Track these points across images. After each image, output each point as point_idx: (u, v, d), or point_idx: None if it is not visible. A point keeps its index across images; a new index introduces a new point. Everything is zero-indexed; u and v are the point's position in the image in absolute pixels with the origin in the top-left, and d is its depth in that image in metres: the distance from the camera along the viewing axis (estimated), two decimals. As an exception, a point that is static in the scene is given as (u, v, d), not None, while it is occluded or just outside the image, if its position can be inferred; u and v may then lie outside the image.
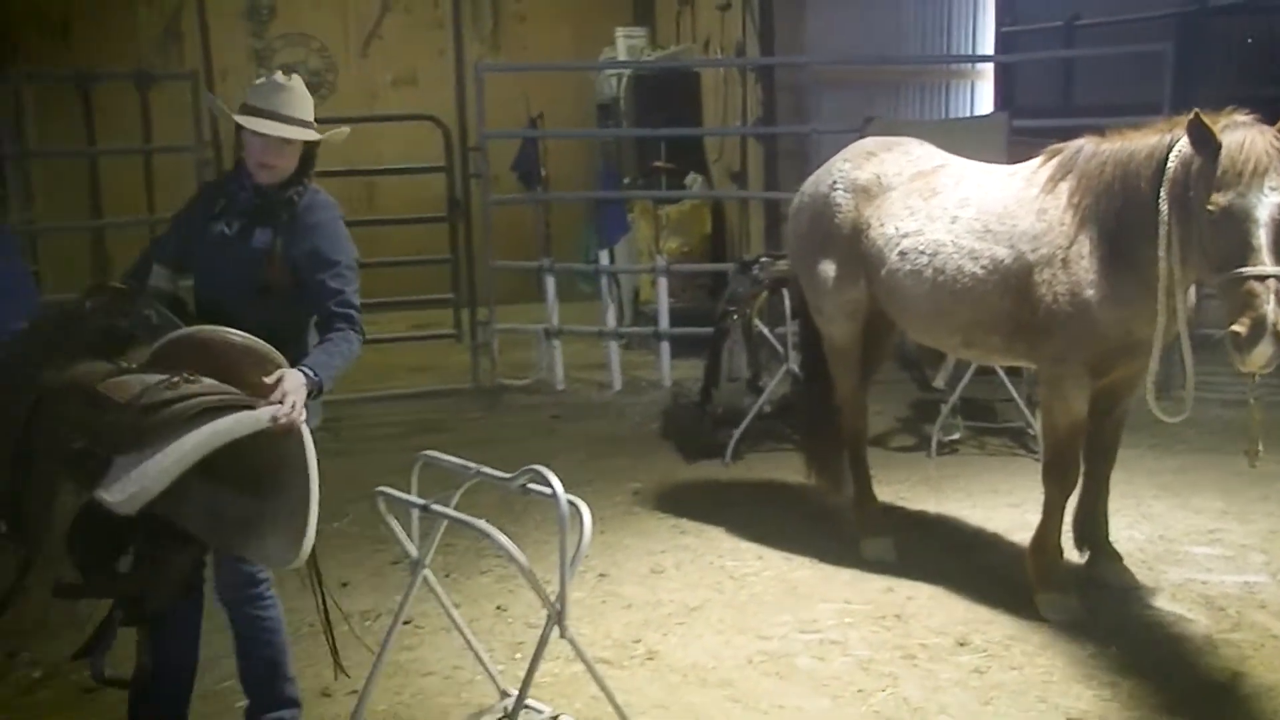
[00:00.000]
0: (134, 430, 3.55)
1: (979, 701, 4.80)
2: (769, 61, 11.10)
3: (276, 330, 4.11)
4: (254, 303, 4.24)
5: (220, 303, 4.26)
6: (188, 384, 3.67)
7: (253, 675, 4.52)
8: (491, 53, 14.72)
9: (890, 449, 8.31)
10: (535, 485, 4.07)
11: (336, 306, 4.27)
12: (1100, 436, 5.79)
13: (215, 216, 4.37)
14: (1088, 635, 5.36)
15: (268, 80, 4.40)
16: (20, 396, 3.79)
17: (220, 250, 4.33)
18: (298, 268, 4.29)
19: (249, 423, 3.67)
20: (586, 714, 4.62)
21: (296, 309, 4.36)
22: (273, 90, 4.35)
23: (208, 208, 4.43)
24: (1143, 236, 5.03)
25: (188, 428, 3.57)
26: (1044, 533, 5.68)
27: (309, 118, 4.40)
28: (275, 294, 4.28)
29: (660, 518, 7.07)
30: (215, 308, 4.25)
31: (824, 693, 4.91)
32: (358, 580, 6.18)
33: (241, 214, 4.35)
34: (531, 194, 11.92)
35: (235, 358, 3.92)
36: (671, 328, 10.33)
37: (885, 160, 6.26)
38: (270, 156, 4.29)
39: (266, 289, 4.27)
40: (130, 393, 3.65)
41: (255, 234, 4.31)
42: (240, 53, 14.41)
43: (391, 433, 9.04)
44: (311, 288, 4.30)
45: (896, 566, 6.16)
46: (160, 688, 4.23)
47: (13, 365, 3.95)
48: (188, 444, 3.56)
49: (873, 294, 6.20)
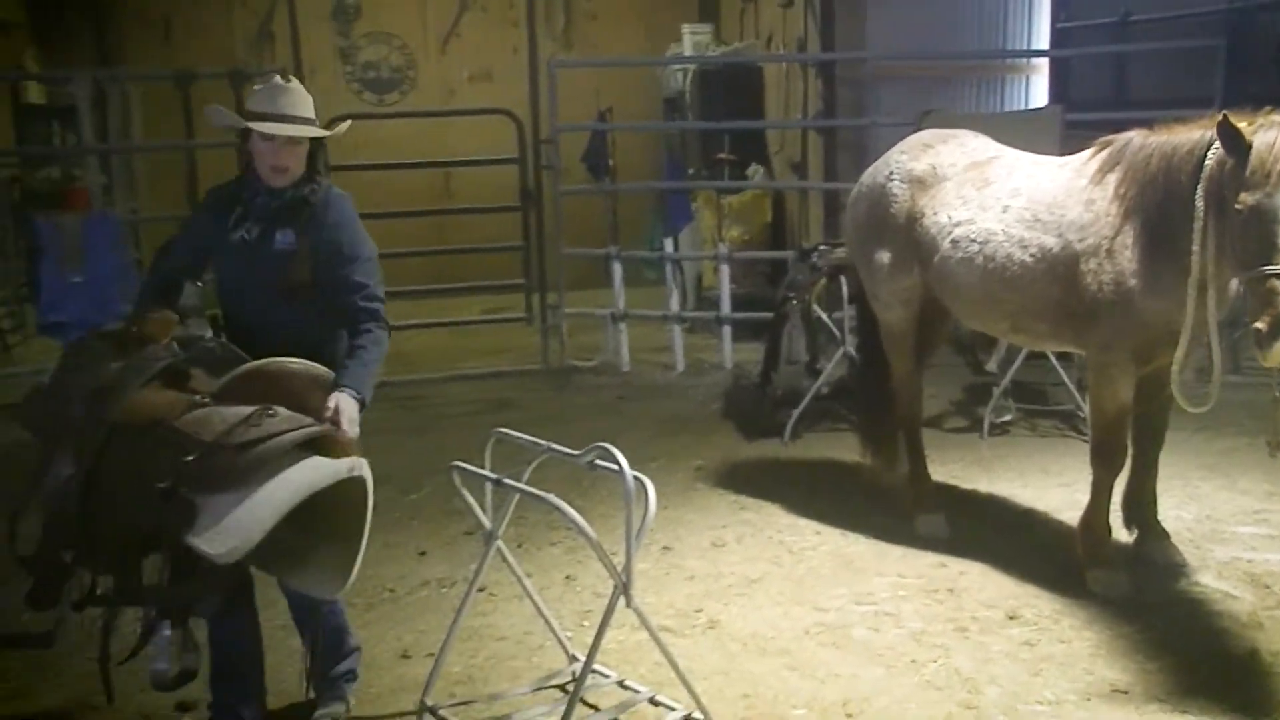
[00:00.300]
0: (230, 471, 3.49)
1: (1028, 673, 4.76)
2: (829, 57, 11.04)
3: (307, 330, 4.11)
4: (282, 305, 4.17)
5: (248, 308, 4.21)
6: (269, 419, 3.62)
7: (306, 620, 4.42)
8: (563, 50, 14.74)
9: (944, 430, 8.24)
10: (602, 462, 4.07)
11: (363, 301, 4.21)
12: (1149, 420, 5.70)
13: (234, 224, 4.25)
14: (1135, 611, 5.29)
15: (268, 85, 4.29)
16: (92, 427, 3.68)
17: (244, 256, 4.22)
18: (322, 264, 4.20)
19: (335, 472, 3.65)
20: (650, 679, 4.63)
21: (324, 307, 4.27)
22: (276, 94, 4.24)
23: (222, 216, 4.30)
24: (1183, 229, 4.95)
25: (279, 468, 3.53)
26: (1093, 512, 5.61)
27: (312, 116, 4.29)
28: (303, 293, 4.20)
29: (721, 494, 7.07)
30: (243, 314, 4.22)
31: (878, 662, 4.89)
32: (434, 549, 6.23)
33: (260, 219, 4.24)
34: (600, 184, 11.96)
35: (295, 384, 3.91)
36: (733, 312, 10.32)
37: (940, 152, 6.21)
38: (282, 159, 4.18)
39: (294, 289, 4.18)
40: (216, 430, 3.57)
41: (276, 236, 4.21)
42: (327, 51, 14.56)
43: (466, 410, 9.10)
44: (336, 283, 4.21)
45: (949, 542, 6.11)
46: (232, 669, 4.27)
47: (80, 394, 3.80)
48: (282, 494, 3.50)
49: (926, 281, 6.16)
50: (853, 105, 10.90)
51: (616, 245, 10.72)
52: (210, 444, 3.54)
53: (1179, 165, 5.01)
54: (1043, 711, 4.46)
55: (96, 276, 9.10)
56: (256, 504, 3.47)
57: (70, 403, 3.78)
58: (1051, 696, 4.57)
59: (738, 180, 11.90)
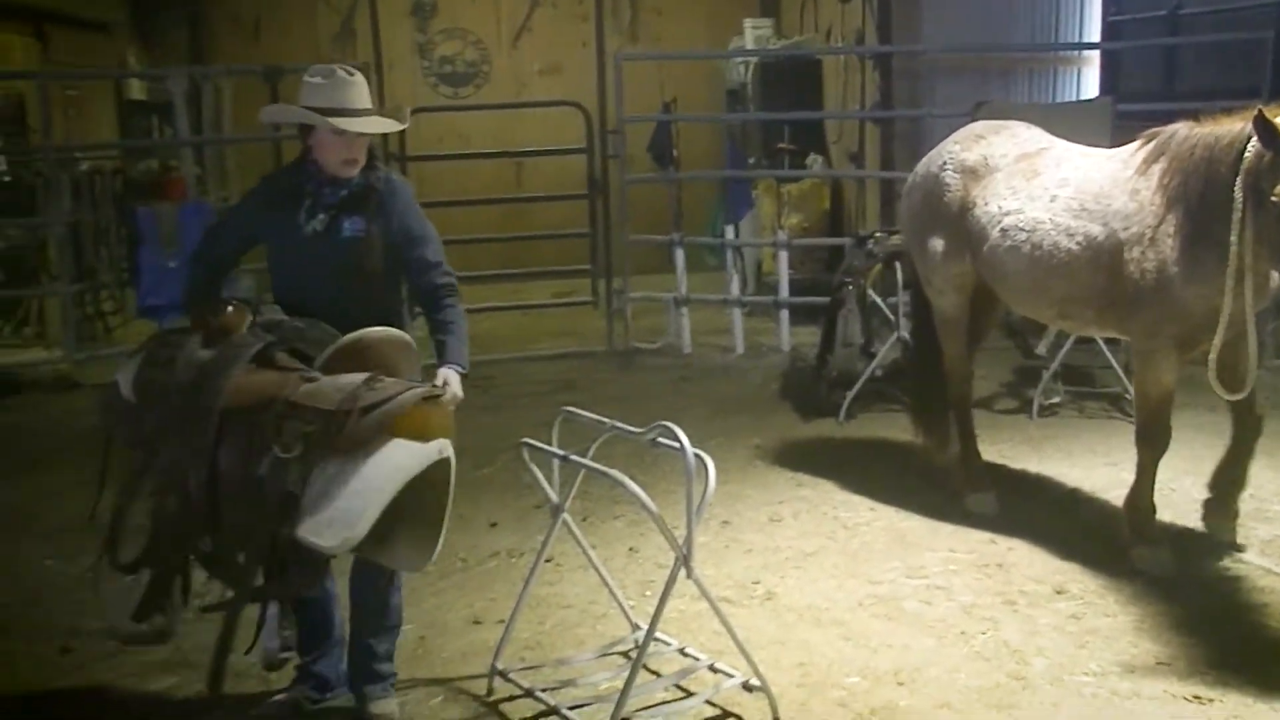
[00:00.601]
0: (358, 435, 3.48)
1: (1074, 645, 4.71)
2: (886, 50, 10.94)
3: (372, 315, 4.07)
4: (350, 291, 4.10)
5: (313, 296, 4.10)
6: (380, 385, 3.59)
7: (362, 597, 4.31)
8: (629, 43, 14.70)
9: (995, 411, 8.16)
10: (664, 440, 4.07)
11: (440, 277, 4.22)
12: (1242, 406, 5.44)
13: (307, 215, 4.15)
14: (1178, 587, 5.22)
15: (332, 78, 4.14)
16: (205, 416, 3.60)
17: (314, 247, 4.13)
18: (391, 249, 4.17)
19: (428, 455, 3.60)
20: (709, 647, 4.64)
21: (391, 292, 4.28)
22: (344, 87, 4.13)
23: (283, 207, 4.19)
24: (1223, 219, 4.86)
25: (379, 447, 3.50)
26: (1138, 491, 5.53)
27: (371, 106, 4.24)
28: (373, 279, 4.16)
29: (779, 471, 7.05)
30: (305, 302, 4.09)
31: (929, 634, 4.87)
32: (504, 521, 6.28)
33: (327, 208, 4.14)
34: (664, 173, 11.92)
35: (389, 352, 3.90)
36: (791, 297, 10.27)
37: (993, 143, 6.14)
38: (354, 151, 4.13)
39: (366, 275, 4.14)
40: (335, 399, 3.54)
41: (344, 224, 4.14)
42: (406, 46, 14.64)
43: (535, 390, 9.14)
44: (411, 264, 4.21)
45: (999, 519, 6.06)
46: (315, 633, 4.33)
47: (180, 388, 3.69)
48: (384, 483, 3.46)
49: (977, 268, 6.10)
50: (909, 97, 10.80)
51: (679, 232, 10.70)
52: (334, 411, 3.51)
53: (1220, 156, 4.93)
54: (1088, 682, 4.43)
55: (190, 261, 9.23)
56: (361, 494, 3.45)
57: (168, 399, 3.69)
58: (1096, 668, 4.53)
59: (797, 169, 11.83)
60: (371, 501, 3.45)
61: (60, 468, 7.37)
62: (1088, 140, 6.22)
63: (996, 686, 4.41)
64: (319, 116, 4.09)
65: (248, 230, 4.33)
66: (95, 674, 4.73)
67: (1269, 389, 5.33)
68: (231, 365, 3.68)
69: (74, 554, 5.94)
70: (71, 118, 12.21)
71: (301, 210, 4.16)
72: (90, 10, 12.80)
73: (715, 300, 10.82)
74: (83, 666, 4.80)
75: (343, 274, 4.12)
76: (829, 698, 4.37)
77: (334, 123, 4.07)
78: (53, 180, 9.51)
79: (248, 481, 3.55)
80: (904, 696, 4.36)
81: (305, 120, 4.14)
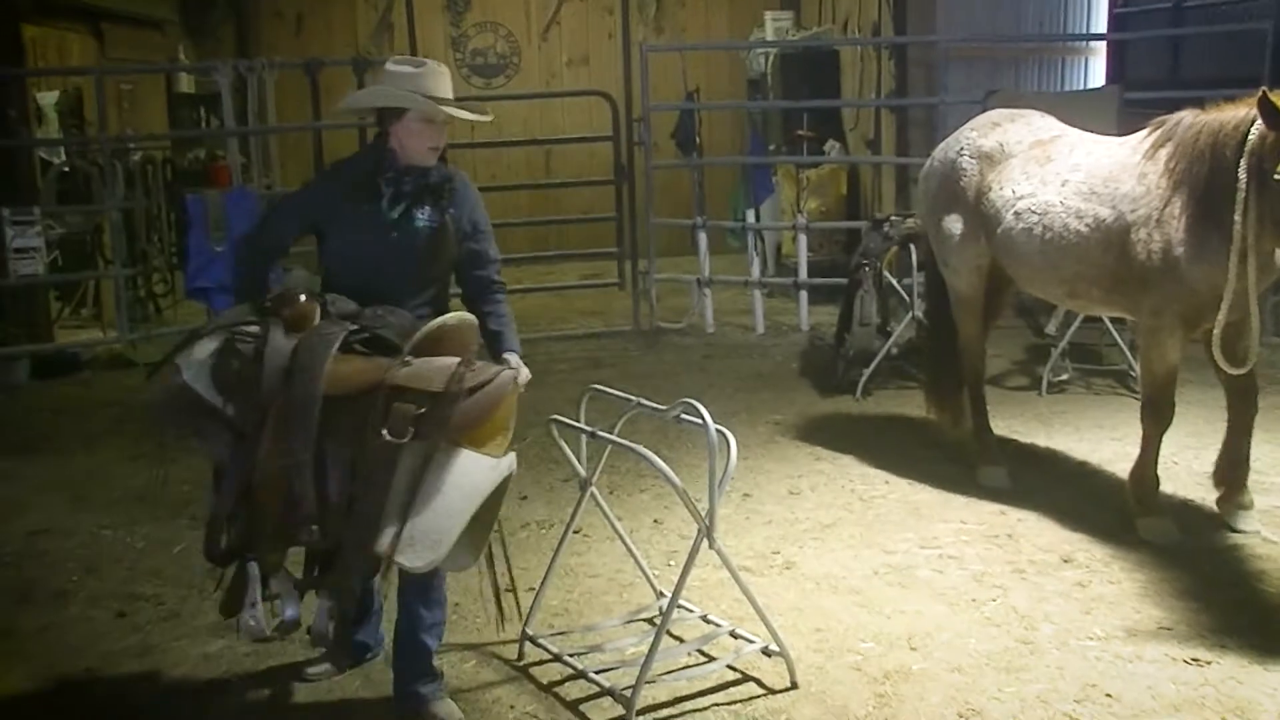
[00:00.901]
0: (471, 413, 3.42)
1: (1080, 611, 4.70)
2: (902, 40, 10.88)
3: (435, 305, 4.03)
4: (417, 281, 4.01)
5: (378, 284, 3.91)
6: (474, 367, 3.51)
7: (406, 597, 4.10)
8: (654, 35, 14.64)
9: (1005, 388, 8.12)
10: (688, 416, 4.07)
11: (496, 273, 4.17)
12: (1239, 384, 5.40)
13: (390, 203, 3.99)
14: (1181, 556, 5.20)
15: (425, 66, 3.99)
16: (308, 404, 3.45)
17: (390, 236, 3.97)
18: (459, 239, 4.08)
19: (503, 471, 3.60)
20: (730, 614, 4.65)
21: (445, 282, 4.17)
22: (435, 76, 3.98)
23: (355, 194, 4.00)
24: (1227, 200, 4.84)
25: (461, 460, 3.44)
26: (1143, 464, 5.51)
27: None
28: (442, 269, 4.09)
29: (798, 446, 7.05)
30: (369, 289, 3.89)
31: (941, 601, 4.86)
32: (534, 495, 6.29)
33: (403, 197, 3.99)
34: (688, 160, 11.89)
35: (468, 337, 3.85)
36: (810, 278, 10.23)
37: (1008, 130, 6.11)
38: (440, 140, 4.02)
39: (438, 265, 4.04)
40: (438, 381, 3.43)
41: (417, 214, 4.01)
42: (440, 39, 14.62)
43: (564, 368, 9.16)
44: (472, 256, 4.12)
45: (1009, 492, 6.05)
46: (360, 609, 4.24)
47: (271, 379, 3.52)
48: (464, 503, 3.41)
49: (992, 250, 6.06)
50: (923, 85, 10.73)
51: (703, 216, 10.69)
52: (442, 393, 3.40)
53: (1224, 140, 4.91)
54: (1093, 646, 4.42)
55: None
56: (446, 514, 3.37)
57: (256, 391, 3.51)
58: (1101, 633, 4.52)
59: (816, 155, 11.77)
60: (456, 524, 3.40)
61: (115, 443, 7.45)
62: (1095, 127, 6.17)
63: (1005, 651, 4.41)
64: (424, 100, 3.94)
65: (314, 217, 4.09)
66: (150, 637, 4.78)
67: (1266, 365, 5.28)
68: (325, 352, 3.52)
69: (128, 524, 6.03)
70: (125, 110, 12.26)
71: (384, 198, 3.98)
72: (144, 8, 12.85)
73: (737, 281, 10.80)
74: (138, 629, 4.85)
75: (414, 263, 4.00)
76: (844, 662, 4.37)
77: (445, 109, 3.96)
78: (108, 169, 9.57)
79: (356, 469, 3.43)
80: (916, 660, 4.36)
81: (406, 103, 3.96)
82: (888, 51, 11.19)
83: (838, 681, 4.23)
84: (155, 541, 5.81)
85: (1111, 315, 6.94)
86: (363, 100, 4.46)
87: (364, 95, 4.48)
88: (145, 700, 4.31)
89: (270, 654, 4.59)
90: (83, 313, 10.94)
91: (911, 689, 4.16)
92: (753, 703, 4.12)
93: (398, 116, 4.00)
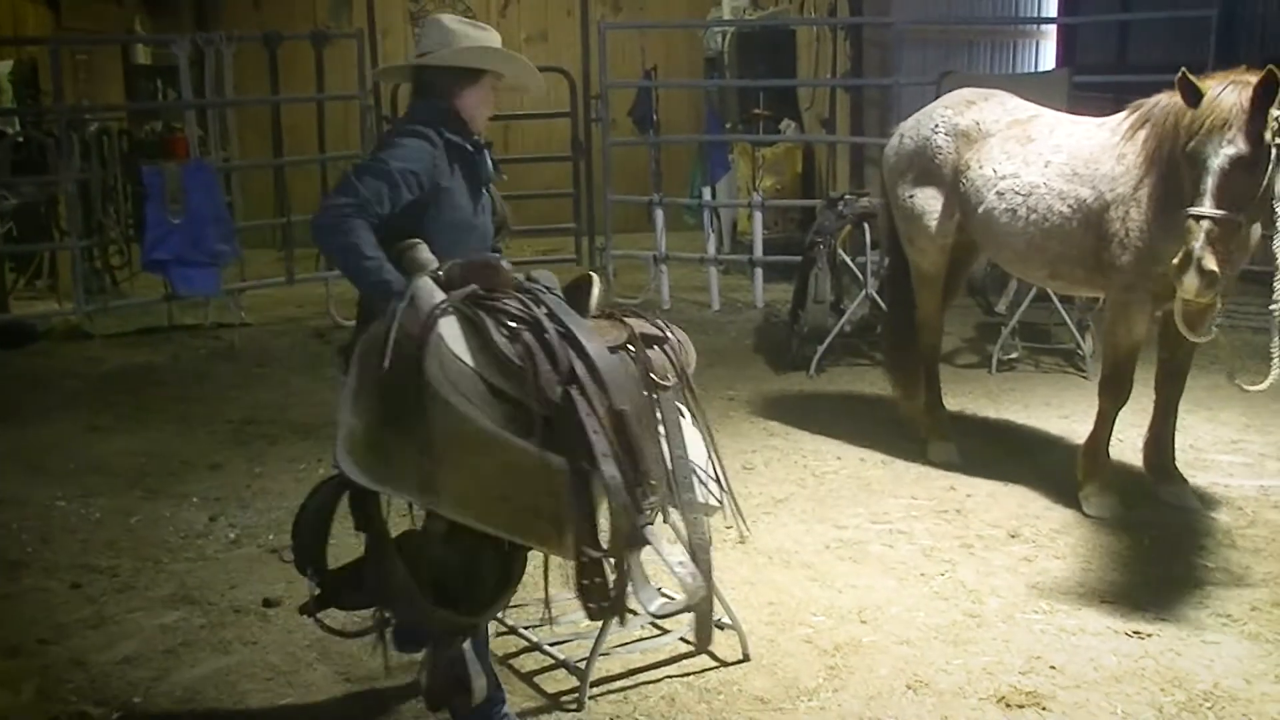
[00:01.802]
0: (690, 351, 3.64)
1: (1026, 585, 4.74)
2: (857, 21, 10.89)
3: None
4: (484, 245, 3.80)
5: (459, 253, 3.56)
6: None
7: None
8: (613, 13, 14.54)
9: (956, 366, 8.16)
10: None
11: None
12: (1172, 366, 5.56)
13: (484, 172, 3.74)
14: (1125, 530, 5.27)
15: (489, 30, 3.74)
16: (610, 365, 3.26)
17: (473, 209, 3.73)
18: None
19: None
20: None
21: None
22: (495, 42, 3.74)
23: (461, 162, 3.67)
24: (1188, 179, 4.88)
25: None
26: (1095, 438, 5.55)
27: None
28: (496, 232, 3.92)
29: (752, 421, 7.05)
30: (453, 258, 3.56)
31: (891, 575, 4.89)
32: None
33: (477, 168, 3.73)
34: (645, 137, 11.85)
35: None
36: (765, 255, 10.25)
37: (983, 109, 6.08)
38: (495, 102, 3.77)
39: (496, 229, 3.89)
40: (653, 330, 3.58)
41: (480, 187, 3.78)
42: (398, 15, 14.45)
43: (524, 343, 9.08)
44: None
45: (958, 468, 6.09)
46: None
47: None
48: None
49: (965, 228, 6.05)
50: (878, 66, 10.75)
51: (660, 193, 10.65)
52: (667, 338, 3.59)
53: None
54: (1038, 619, 4.46)
55: (194, 218, 9.15)
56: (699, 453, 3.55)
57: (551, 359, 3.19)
58: (1046, 606, 4.56)
59: (772, 134, 11.77)
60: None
61: (71, 414, 7.33)
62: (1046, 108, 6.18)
63: (953, 624, 4.44)
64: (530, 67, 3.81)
65: (427, 185, 3.59)
66: (105, 609, 4.71)
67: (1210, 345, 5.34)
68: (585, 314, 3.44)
69: (84, 495, 5.94)
70: (81, 81, 12.04)
71: (481, 165, 3.72)
72: (98, -22, 12.63)
73: (693, 258, 10.79)
74: (93, 601, 4.78)
75: (490, 229, 3.84)
76: (796, 635, 4.39)
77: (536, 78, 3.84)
78: (63, 140, 9.39)
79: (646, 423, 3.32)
80: (867, 633, 4.38)
81: (500, 66, 3.75)
82: (843, 32, 11.19)
83: (789, 654, 4.25)
84: (111, 513, 5.73)
85: (1092, 294, 6.92)
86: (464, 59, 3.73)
87: (468, 54, 3.74)
88: (100, 670, 4.24)
89: (226, 625, 4.55)
90: (38, 284, 10.76)
91: (861, 661, 4.18)
92: (705, 675, 4.13)
93: (473, 80, 3.72)
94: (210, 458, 6.54)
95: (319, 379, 8.13)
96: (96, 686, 4.14)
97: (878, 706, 3.90)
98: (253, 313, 9.98)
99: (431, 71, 3.74)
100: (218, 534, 5.49)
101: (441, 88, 3.73)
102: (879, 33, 10.68)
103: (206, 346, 9.18)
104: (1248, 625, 4.39)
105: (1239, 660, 4.14)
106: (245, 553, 5.27)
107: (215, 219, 9.30)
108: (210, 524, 5.60)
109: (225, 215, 9.51)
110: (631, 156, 12.39)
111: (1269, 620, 4.42)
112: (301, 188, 11.19)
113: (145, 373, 8.42)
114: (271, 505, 5.80)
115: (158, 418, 7.27)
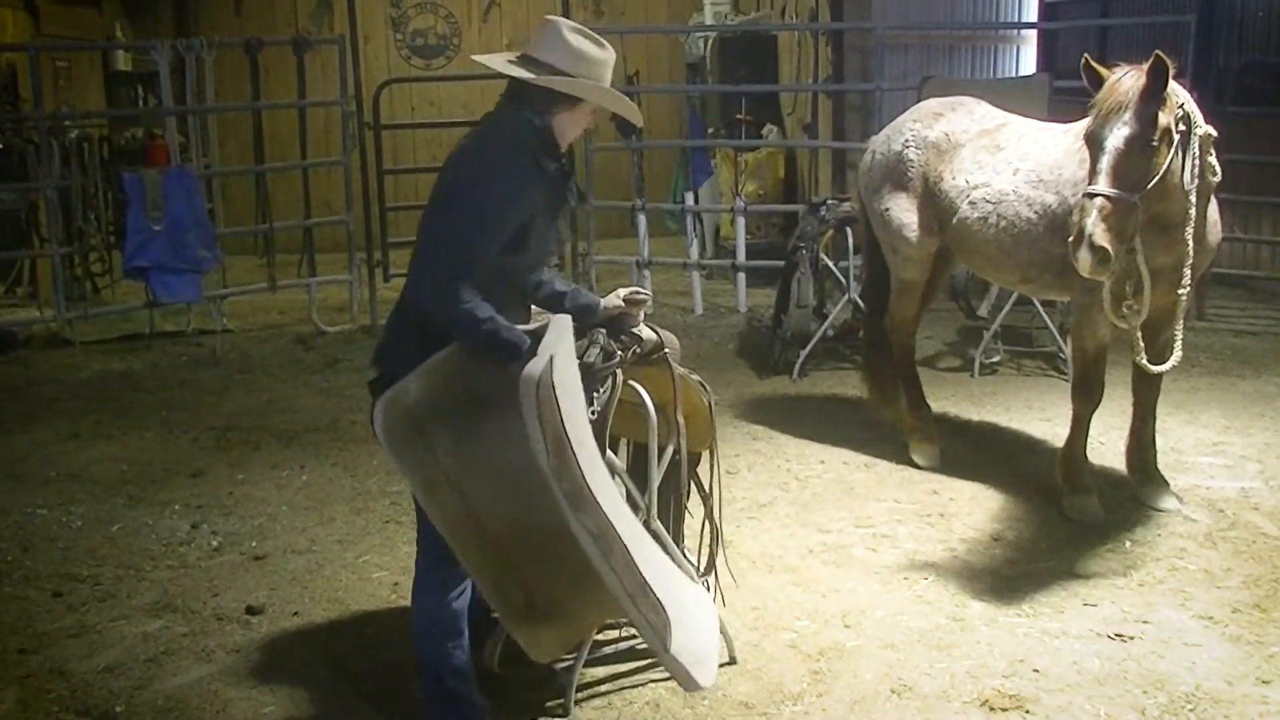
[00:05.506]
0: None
1: (1009, 589, 4.75)
2: (838, 26, 10.89)
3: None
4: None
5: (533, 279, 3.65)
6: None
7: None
8: (594, 18, 14.54)
9: (938, 369, 8.18)
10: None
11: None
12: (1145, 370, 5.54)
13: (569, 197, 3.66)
14: (1106, 533, 5.29)
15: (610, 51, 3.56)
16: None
17: (549, 237, 3.66)
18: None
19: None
20: (669, 592, 4.63)
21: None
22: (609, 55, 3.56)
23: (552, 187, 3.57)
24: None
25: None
26: (1072, 443, 5.57)
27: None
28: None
29: (735, 425, 7.05)
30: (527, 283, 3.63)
31: (875, 579, 4.90)
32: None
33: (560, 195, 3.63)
34: (627, 142, 11.82)
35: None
36: (747, 260, 10.25)
37: (952, 119, 6.09)
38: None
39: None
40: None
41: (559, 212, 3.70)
42: (380, 20, 14.42)
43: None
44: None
45: (941, 471, 6.10)
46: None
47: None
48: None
49: (944, 239, 6.07)
50: (859, 71, 10.76)
51: (642, 198, 10.63)
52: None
53: None
54: (1021, 623, 4.48)
55: (175, 224, 9.11)
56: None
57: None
58: (1029, 610, 4.58)
59: (754, 139, 11.77)
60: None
61: (52, 422, 7.28)
62: (1027, 113, 6.21)
63: (936, 628, 4.45)
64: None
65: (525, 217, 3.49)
66: (86, 617, 4.68)
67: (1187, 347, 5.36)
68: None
69: (64, 503, 5.90)
70: (61, 88, 11.97)
71: (569, 191, 3.65)
72: (78, -16, 12.57)
73: (676, 263, 10.79)
74: (74, 610, 4.75)
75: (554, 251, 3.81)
76: (780, 639, 4.39)
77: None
78: (43, 147, 9.34)
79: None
80: (850, 638, 4.39)
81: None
82: (825, 37, 11.20)
83: (774, 659, 4.25)
84: (92, 521, 5.70)
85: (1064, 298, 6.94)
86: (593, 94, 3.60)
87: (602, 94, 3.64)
88: (81, 679, 4.21)
89: (208, 633, 4.53)
90: (18, 291, 10.69)
91: (845, 665, 4.19)
92: (690, 680, 4.11)
93: (576, 103, 3.58)
94: (192, 465, 6.50)
95: (301, 385, 8.10)
96: (78, 696, 4.12)
97: (862, 711, 3.91)
98: (234, 319, 9.94)
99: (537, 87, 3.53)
100: (200, 541, 5.46)
101: (542, 103, 3.55)
102: (860, 38, 10.69)
103: (188, 353, 9.13)
104: (1229, 627, 4.41)
105: (1221, 662, 4.16)
106: (227, 560, 5.24)
107: (196, 225, 9.25)
108: (192, 531, 5.57)
109: (206, 221, 9.47)
110: (614, 162, 12.39)
111: (1250, 622, 4.45)
112: (283, 194, 11.14)
113: (126, 380, 8.37)
114: (254, 512, 5.77)
115: (139, 425, 7.23)
